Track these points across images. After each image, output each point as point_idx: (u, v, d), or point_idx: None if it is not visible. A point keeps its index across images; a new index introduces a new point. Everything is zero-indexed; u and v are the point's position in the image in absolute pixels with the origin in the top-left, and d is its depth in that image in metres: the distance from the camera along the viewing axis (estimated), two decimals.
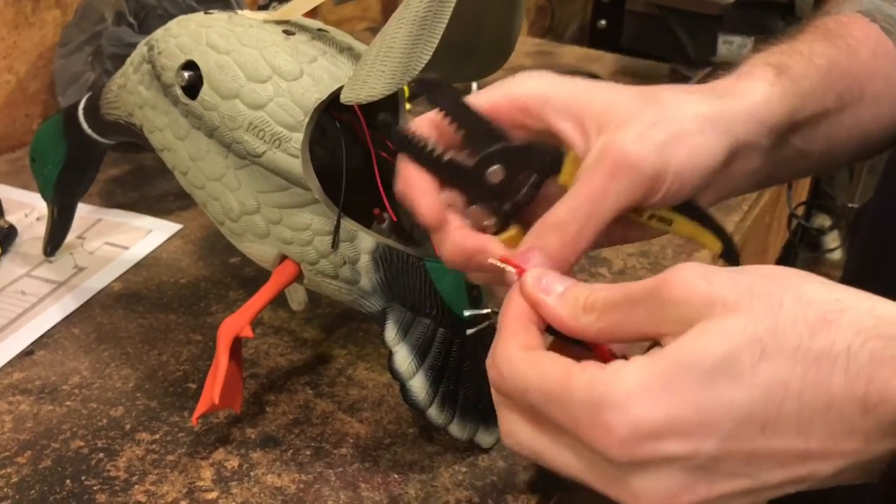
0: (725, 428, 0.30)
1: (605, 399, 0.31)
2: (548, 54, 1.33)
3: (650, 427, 0.30)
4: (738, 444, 0.30)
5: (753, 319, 0.30)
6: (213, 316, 0.68)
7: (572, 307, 0.35)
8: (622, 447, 0.31)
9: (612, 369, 0.32)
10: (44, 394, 0.60)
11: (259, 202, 0.53)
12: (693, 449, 0.30)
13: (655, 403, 0.30)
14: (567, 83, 0.42)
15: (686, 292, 0.32)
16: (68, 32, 0.93)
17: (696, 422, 0.30)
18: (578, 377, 0.32)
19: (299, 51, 0.52)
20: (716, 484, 0.31)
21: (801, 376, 0.30)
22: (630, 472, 0.32)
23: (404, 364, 0.51)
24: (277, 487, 0.52)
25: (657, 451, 0.31)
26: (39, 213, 0.82)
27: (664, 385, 0.30)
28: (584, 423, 0.32)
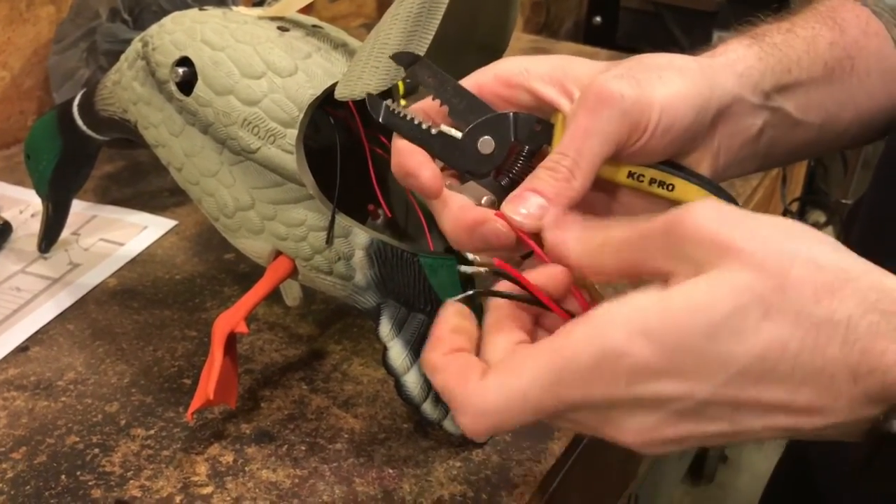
0: (721, 377, 0.31)
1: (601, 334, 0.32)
2: (543, 51, 1.34)
3: (650, 365, 0.31)
4: (729, 392, 0.31)
5: (763, 278, 0.31)
6: (208, 312, 0.68)
7: (590, 247, 0.36)
8: (612, 382, 0.32)
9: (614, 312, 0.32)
10: (39, 390, 0.60)
11: (253, 198, 0.53)
12: (687, 392, 0.31)
13: (658, 344, 0.31)
14: (546, 58, 0.43)
15: (701, 233, 0.32)
16: (63, 29, 0.93)
17: (693, 368, 0.31)
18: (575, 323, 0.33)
19: (294, 47, 0.52)
20: (699, 425, 0.33)
21: (800, 339, 0.31)
22: (624, 409, 0.33)
23: (399, 359, 0.52)
24: (272, 482, 0.53)
25: (654, 390, 0.32)
26: (34, 209, 0.82)
27: (667, 328, 0.31)
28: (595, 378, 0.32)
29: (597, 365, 0.32)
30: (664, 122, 0.40)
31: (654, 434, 0.33)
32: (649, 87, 0.40)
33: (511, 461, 0.55)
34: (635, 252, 0.34)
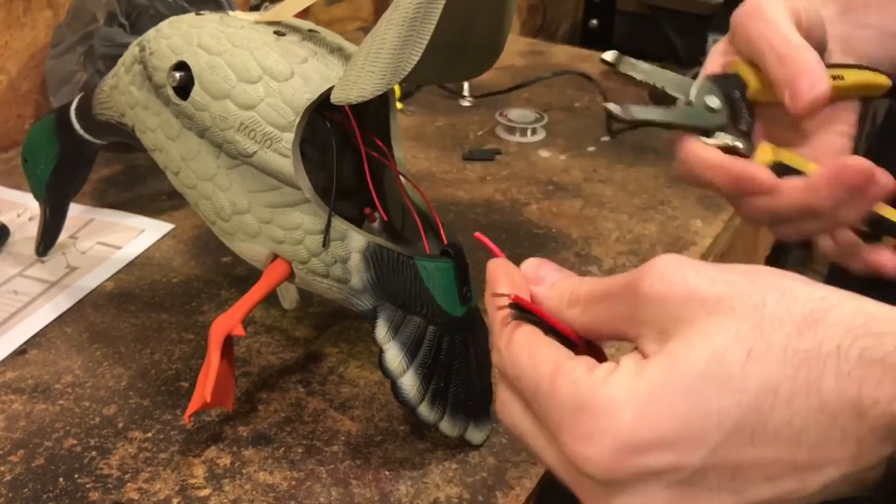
0: (714, 439, 0.29)
1: (589, 405, 0.30)
2: (539, 53, 1.34)
3: (634, 439, 0.29)
4: (725, 455, 0.29)
5: (737, 319, 0.29)
6: (205, 315, 0.68)
7: (560, 298, 0.35)
8: (604, 459, 0.29)
9: (599, 374, 0.31)
10: (36, 393, 0.60)
11: (250, 202, 0.53)
12: (679, 462, 0.29)
13: (641, 414, 0.29)
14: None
15: (663, 289, 0.31)
16: (60, 33, 0.93)
17: (682, 434, 0.29)
18: (566, 377, 0.31)
19: (290, 51, 0.53)
20: (700, 499, 0.30)
21: (790, 378, 0.28)
22: (608, 489, 0.30)
23: (395, 362, 0.52)
24: (269, 485, 0.53)
25: (640, 465, 0.29)
26: (32, 213, 0.82)
27: (651, 396, 0.29)
28: (565, 428, 0.31)
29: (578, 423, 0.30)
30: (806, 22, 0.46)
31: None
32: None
33: (507, 463, 0.55)
34: (601, 311, 0.33)
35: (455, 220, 0.84)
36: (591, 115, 1.11)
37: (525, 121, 1.04)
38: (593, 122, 1.08)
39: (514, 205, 0.88)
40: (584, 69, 1.17)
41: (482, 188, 0.91)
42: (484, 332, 0.56)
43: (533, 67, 1.25)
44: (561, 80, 1.19)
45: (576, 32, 1.97)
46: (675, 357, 0.29)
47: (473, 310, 0.54)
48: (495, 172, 0.95)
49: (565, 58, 1.33)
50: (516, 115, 1.06)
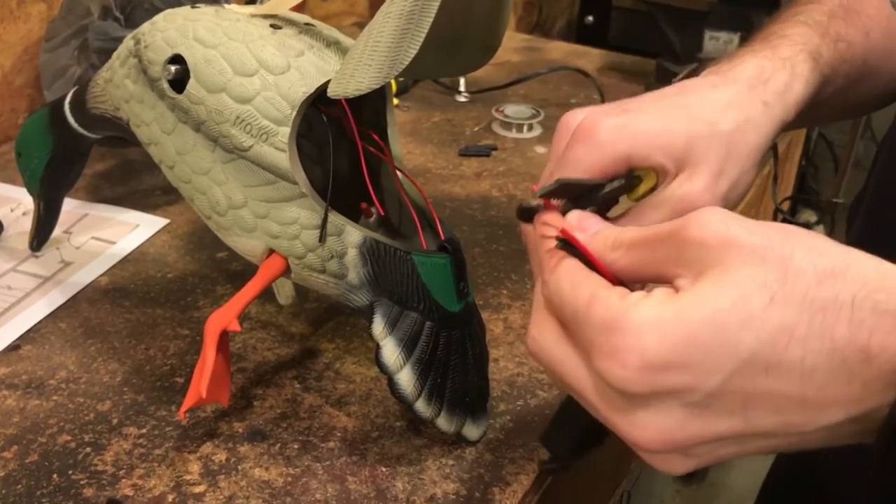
0: (730, 366, 0.31)
1: (619, 325, 0.32)
2: (535, 50, 1.34)
3: (656, 358, 0.31)
4: (739, 382, 0.31)
5: (765, 268, 0.32)
6: (201, 310, 0.68)
7: (602, 244, 0.37)
8: (626, 374, 0.32)
9: (631, 299, 0.33)
10: (30, 388, 0.59)
11: (246, 196, 0.53)
12: (695, 383, 0.31)
13: (665, 336, 0.32)
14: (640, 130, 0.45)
15: (705, 234, 0.33)
16: (54, 26, 0.92)
17: (701, 358, 0.31)
18: (601, 301, 0.34)
19: (286, 45, 0.52)
20: (710, 423, 0.32)
21: (807, 323, 0.31)
22: (632, 401, 0.33)
23: (392, 357, 0.52)
24: (265, 481, 0.53)
25: (660, 382, 0.32)
26: (25, 207, 0.81)
27: (676, 322, 0.32)
28: (596, 345, 0.33)
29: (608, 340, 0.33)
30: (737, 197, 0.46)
31: (664, 435, 0.33)
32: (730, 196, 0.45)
33: (504, 459, 0.55)
34: (644, 254, 0.35)
35: (451, 216, 0.83)
36: None
37: (521, 117, 1.04)
38: None
39: (510, 200, 0.88)
40: (579, 65, 1.17)
41: (478, 184, 0.91)
42: (481, 327, 0.56)
43: (529, 63, 1.25)
44: (557, 76, 1.19)
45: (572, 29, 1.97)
46: (703, 293, 0.32)
47: (471, 305, 0.54)
48: (491, 168, 0.95)
49: (561, 54, 1.33)
50: (512, 110, 1.05)
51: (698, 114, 0.46)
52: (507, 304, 0.71)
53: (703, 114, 0.46)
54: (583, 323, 0.34)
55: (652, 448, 0.34)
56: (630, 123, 0.44)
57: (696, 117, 0.45)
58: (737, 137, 0.45)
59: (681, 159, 0.44)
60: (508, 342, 0.66)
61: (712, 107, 0.46)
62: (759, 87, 0.47)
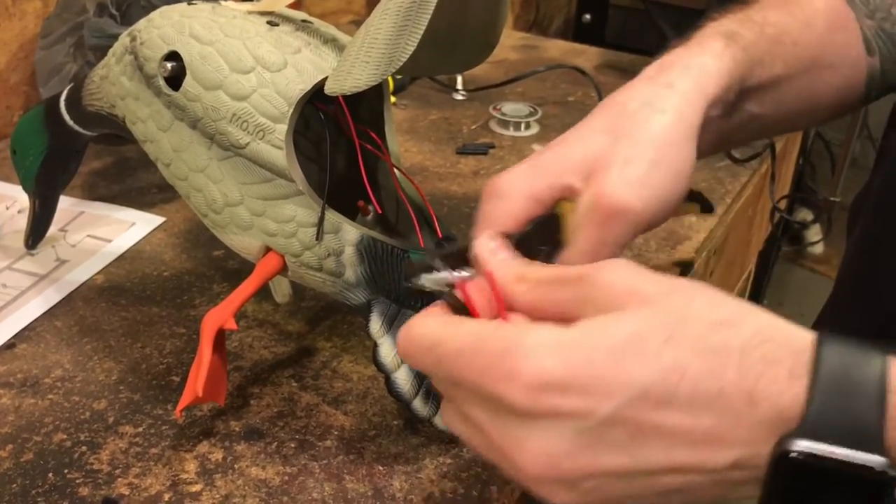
0: (623, 396, 0.32)
1: (516, 348, 0.33)
2: (533, 48, 1.34)
3: (554, 379, 0.32)
4: (630, 413, 0.32)
5: (665, 311, 0.33)
6: (197, 309, 0.68)
7: (509, 273, 0.38)
8: (525, 393, 0.32)
9: (526, 327, 0.34)
10: (26, 387, 0.59)
11: (242, 194, 0.53)
12: (589, 408, 0.32)
13: (564, 359, 0.32)
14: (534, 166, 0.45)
15: (611, 280, 0.34)
16: (49, 23, 0.92)
17: (596, 384, 0.32)
18: (493, 332, 0.34)
19: (283, 42, 0.52)
20: (598, 454, 0.33)
21: (698, 364, 0.32)
22: (524, 422, 0.33)
23: (389, 356, 0.51)
24: (262, 480, 0.52)
25: (555, 403, 0.32)
26: (21, 205, 0.81)
27: (574, 347, 0.33)
28: (492, 370, 0.33)
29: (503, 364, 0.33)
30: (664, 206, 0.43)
31: (552, 461, 0.33)
32: (650, 183, 0.42)
33: None
34: (549, 292, 0.36)
35: (449, 214, 0.83)
36: (585, 109, 1.10)
37: (519, 115, 1.04)
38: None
39: None
40: (577, 63, 1.17)
41: (476, 182, 0.91)
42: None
43: (526, 62, 1.25)
44: (554, 74, 1.19)
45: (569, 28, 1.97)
46: (602, 324, 0.33)
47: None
48: (489, 166, 0.94)
49: (558, 52, 1.33)
50: (510, 109, 1.05)
51: (592, 126, 0.45)
52: None
53: (597, 125, 0.45)
54: (471, 356, 0.34)
55: (538, 475, 0.34)
56: (522, 167, 0.45)
57: (590, 129, 0.45)
58: (638, 122, 0.44)
59: (586, 171, 0.43)
60: None
61: (608, 111, 0.45)
62: (658, 76, 0.46)
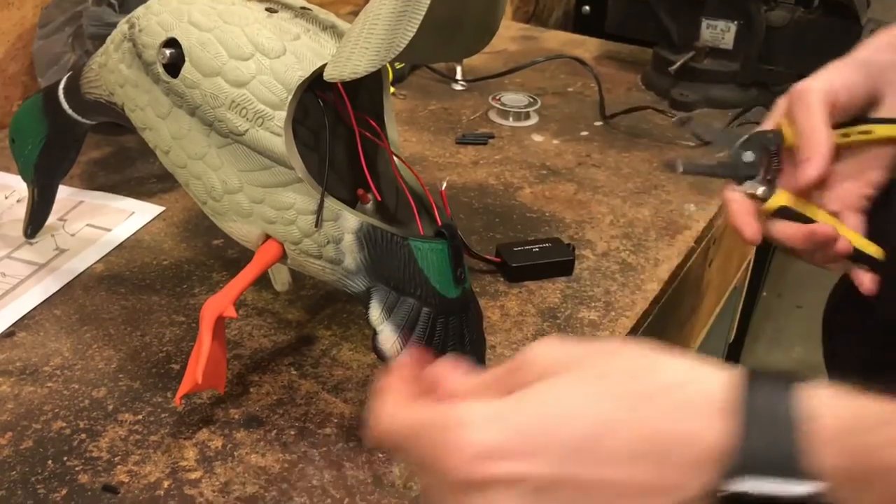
0: (558, 454, 0.33)
1: (452, 422, 0.34)
2: (532, 39, 1.33)
3: (492, 447, 0.33)
4: (570, 470, 0.33)
5: (587, 371, 0.35)
6: (196, 298, 0.68)
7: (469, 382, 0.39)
8: (467, 464, 0.33)
9: (460, 403, 0.35)
10: (25, 375, 0.59)
11: (242, 181, 0.53)
12: (527, 471, 0.33)
13: (498, 428, 0.33)
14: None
15: (536, 355, 0.36)
16: (48, 13, 0.92)
17: (529, 448, 0.33)
18: (436, 409, 0.36)
19: (282, 28, 0.52)
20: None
21: (624, 416, 0.33)
22: (470, 493, 0.34)
23: (389, 343, 0.51)
24: (261, 467, 0.52)
25: (497, 469, 0.33)
26: (20, 195, 0.81)
27: (506, 415, 0.34)
28: (436, 446, 0.34)
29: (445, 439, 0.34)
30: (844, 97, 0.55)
31: None
32: (828, 81, 0.55)
33: None
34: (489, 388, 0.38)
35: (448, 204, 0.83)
36: (584, 99, 1.10)
37: (518, 105, 1.04)
38: (586, 107, 1.08)
39: (507, 189, 0.87)
40: (577, 54, 1.17)
41: (475, 172, 0.91)
42: (478, 313, 0.55)
43: (526, 52, 1.25)
44: (554, 64, 1.18)
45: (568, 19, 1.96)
46: (530, 393, 0.35)
47: (468, 292, 0.54)
48: (488, 156, 0.94)
49: (558, 43, 1.33)
50: (509, 99, 1.05)
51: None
52: (504, 292, 0.70)
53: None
54: (422, 432, 0.35)
55: None
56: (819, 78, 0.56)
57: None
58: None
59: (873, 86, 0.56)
60: (505, 329, 0.66)
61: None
62: None
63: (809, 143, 0.54)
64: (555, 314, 0.68)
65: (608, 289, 0.71)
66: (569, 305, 0.69)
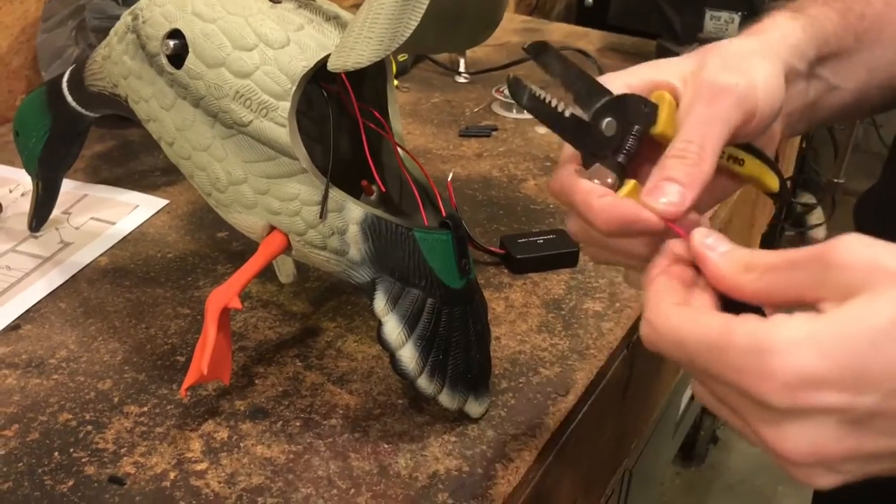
0: (886, 387, 0.31)
1: (770, 345, 0.32)
2: (535, 31, 1.33)
3: (813, 375, 0.31)
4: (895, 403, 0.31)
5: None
6: (201, 290, 0.68)
7: (735, 265, 0.37)
8: (783, 392, 0.31)
9: (776, 320, 0.33)
10: (31, 367, 0.59)
11: (246, 172, 0.53)
12: (851, 402, 0.31)
13: (820, 354, 0.31)
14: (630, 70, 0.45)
15: (850, 258, 0.32)
16: (51, 6, 0.92)
17: (858, 377, 0.31)
18: (740, 327, 0.33)
19: (286, 19, 0.52)
20: (864, 441, 0.32)
21: None
22: (785, 417, 0.32)
23: (394, 334, 0.51)
24: (267, 458, 0.52)
25: (816, 400, 0.31)
26: (25, 188, 0.81)
27: (830, 339, 0.31)
28: (746, 370, 0.32)
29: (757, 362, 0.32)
30: (766, 106, 0.42)
31: (816, 451, 0.32)
32: (749, 73, 0.42)
33: (506, 436, 0.54)
34: (780, 278, 0.35)
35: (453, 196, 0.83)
36: None
37: None
38: None
39: (511, 180, 0.87)
40: (580, 46, 1.16)
41: (479, 164, 0.91)
42: (483, 305, 0.55)
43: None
44: None
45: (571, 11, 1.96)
46: (856, 311, 0.31)
47: (473, 283, 0.54)
48: (492, 148, 0.94)
49: (561, 35, 1.32)
50: None
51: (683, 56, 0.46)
52: (508, 283, 0.70)
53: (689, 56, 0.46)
54: (719, 353, 0.33)
55: (800, 462, 0.33)
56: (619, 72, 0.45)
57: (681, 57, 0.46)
58: (726, 45, 0.45)
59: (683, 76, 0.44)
60: (510, 320, 0.66)
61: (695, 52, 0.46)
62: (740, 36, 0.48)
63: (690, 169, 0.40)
64: (559, 305, 0.68)
65: (612, 280, 0.71)
66: (573, 297, 0.69)
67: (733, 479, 1.84)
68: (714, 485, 1.84)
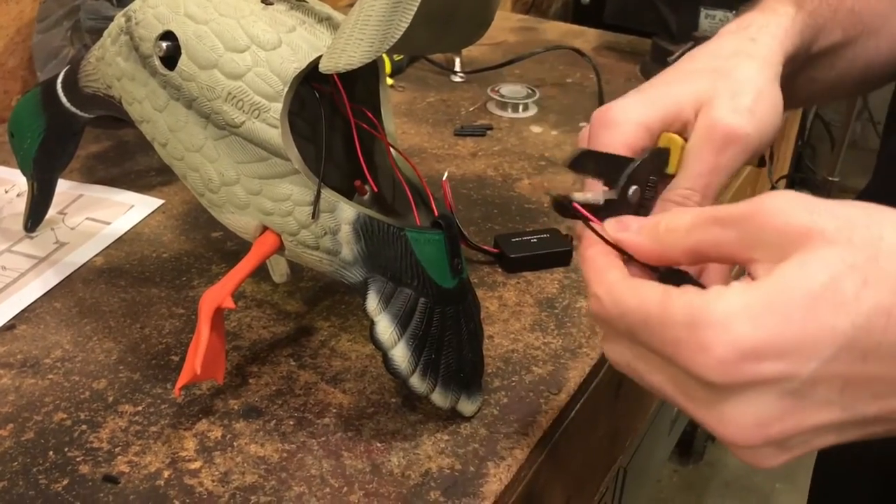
0: (826, 353, 0.30)
1: (706, 318, 0.31)
2: (531, 30, 1.33)
3: (750, 347, 0.30)
4: (836, 368, 0.30)
5: (853, 250, 0.30)
6: (196, 290, 0.68)
7: (652, 232, 0.36)
8: (720, 367, 0.31)
9: (713, 292, 0.32)
10: (25, 367, 0.60)
11: (238, 173, 0.53)
12: (791, 371, 0.30)
13: (756, 324, 0.30)
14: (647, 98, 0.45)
15: (784, 220, 0.32)
16: (46, 7, 0.92)
17: (796, 344, 0.30)
18: (677, 299, 0.32)
19: (277, 20, 0.52)
20: (807, 413, 0.31)
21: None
22: (724, 395, 0.32)
23: (386, 333, 0.52)
24: (261, 457, 0.53)
25: (755, 372, 0.30)
26: (20, 189, 0.81)
27: (766, 308, 0.30)
28: (682, 344, 0.32)
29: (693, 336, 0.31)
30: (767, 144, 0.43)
31: (760, 429, 0.32)
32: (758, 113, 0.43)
33: (499, 434, 0.55)
34: (707, 236, 0.34)
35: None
36: (583, 90, 1.11)
37: (517, 96, 1.04)
38: (585, 98, 1.08)
39: (505, 180, 0.87)
40: (576, 45, 1.17)
41: (474, 163, 0.91)
42: (475, 304, 0.56)
43: (524, 43, 1.25)
44: (553, 55, 1.18)
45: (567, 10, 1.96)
46: (789, 276, 0.31)
47: (465, 282, 0.54)
48: (487, 148, 0.94)
49: (557, 34, 1.33)
50: (508, 90, 1.05)
51: (693, 69, 0.46)
52: (501, 283, 0.71)
53: (698, 66, 0.46)
54: (659, 326, 0.33)
55: (747, 443, 0.32)
56: (635, 98, 0.45)
57: (691, 71, 0.46)
58: (734, 65, 0.45)
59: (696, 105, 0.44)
60: (503, 319, 0.66)
61: (702, 58, 0.47)
62: (740, 31, 0.48)
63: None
64: (553, 304, 0.68)
65: None
66: (567, 295, 0.69)
67: (731, 477, 1.85)
68: (712, 482, 1.84)
